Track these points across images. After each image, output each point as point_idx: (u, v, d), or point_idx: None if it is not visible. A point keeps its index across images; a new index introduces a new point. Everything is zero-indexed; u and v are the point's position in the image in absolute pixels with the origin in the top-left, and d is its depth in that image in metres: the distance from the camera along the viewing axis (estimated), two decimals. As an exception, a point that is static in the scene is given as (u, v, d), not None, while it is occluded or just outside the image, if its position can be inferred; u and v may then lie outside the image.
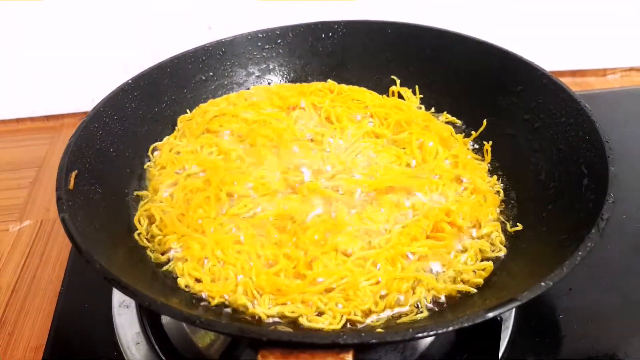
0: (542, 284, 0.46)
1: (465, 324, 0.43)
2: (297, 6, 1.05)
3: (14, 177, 0.99)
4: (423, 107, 0.85)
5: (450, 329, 0.43)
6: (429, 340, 0.61)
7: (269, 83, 0.90)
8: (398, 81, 0.87)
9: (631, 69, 1.23)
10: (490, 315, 0.44)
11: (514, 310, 0.64)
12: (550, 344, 0.62)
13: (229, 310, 0.57)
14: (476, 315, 0.44)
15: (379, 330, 0.53)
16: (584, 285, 0.67)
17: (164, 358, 0.61)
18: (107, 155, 0.68)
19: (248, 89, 0.88)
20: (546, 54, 1.15)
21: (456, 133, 0.80)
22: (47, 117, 1.14)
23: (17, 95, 1.11)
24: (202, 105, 0.83)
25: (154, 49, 1.05)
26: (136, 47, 1.07)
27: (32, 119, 1.14)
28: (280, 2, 1.05)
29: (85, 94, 1.10)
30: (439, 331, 0.43)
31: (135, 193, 0.70)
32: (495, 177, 0.72)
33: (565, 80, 1.18)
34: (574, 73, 1.21)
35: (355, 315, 0.55)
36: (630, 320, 0.64)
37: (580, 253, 0.48)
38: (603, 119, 0.63)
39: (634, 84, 1.20)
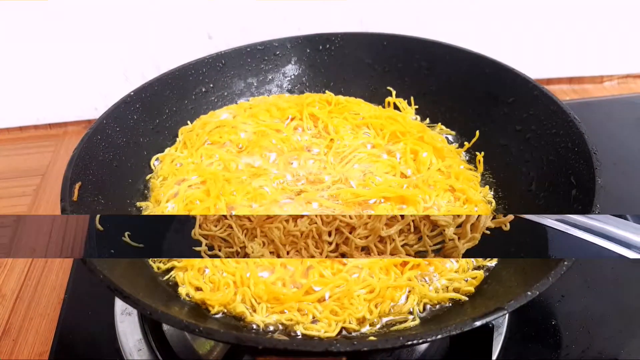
0: (529, 293, 0.47)
1: (453, 332, 0.45)
2: (296, 17, 1.07)
3: (18, 185, 1.00)
4: (418, 117, 0.86)
5: (439, 337, 0.45)
6: (424, 346, 0.62)
7: (267, 94, 0.91)
8: (394, 92, 0.88)
9: (628, 76, 1.23)
10: (478, 323, 0.46)
11: (507, 316, 0.65)
12: (542, 349, 0.63)
13: (228, 318, 0.58)
14: (464, 324, 0.45)
15: (372, 337, 0.54)
16: (577, 292, 0.68)
17: (164, 364, 0.62)
18: (110, 167, 0.70)
19: (247, 100, 0.89)
20: (544, 61, 1.17)
21: (450, 143, 0.81)
22: (51, 125, 1.15)
23: (20, 104, 1.12)
24: (202, 116, 0.84)
25: (155, 58, 1.08)
26: (138, 56, 1.08)
27: (35, 127, 1.15)
28: (280, 13, 1.06)
29: (87, 102, 1.11)
30: (428, 339, 0.44)
31: (138, 204, 0.72)
32: (487, 187, 0.73)
33: (563, 87, 1.21)
34: (571, 80, 1.22)
35: (350, 323, 0.56)
36: (622, 326, 0.65)
37: (565, 263, 0.50)
38: (599, 126, 0.62)
39: (631, 91, 1.20)
